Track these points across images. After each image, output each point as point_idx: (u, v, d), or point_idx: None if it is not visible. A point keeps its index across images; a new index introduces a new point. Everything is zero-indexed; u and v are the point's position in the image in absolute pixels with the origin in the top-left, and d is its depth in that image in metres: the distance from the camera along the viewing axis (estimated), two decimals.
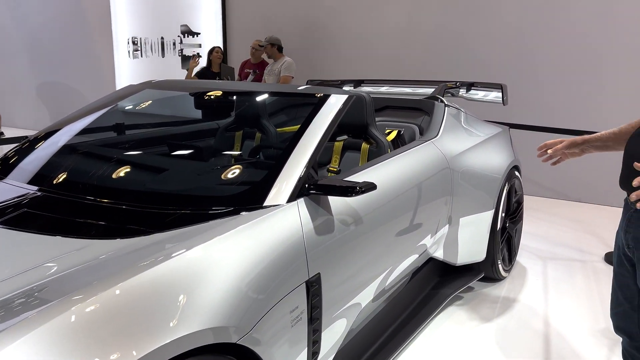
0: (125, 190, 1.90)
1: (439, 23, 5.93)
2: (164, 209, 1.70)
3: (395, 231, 2.35)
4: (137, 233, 1.53)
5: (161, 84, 2.84)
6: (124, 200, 1.76)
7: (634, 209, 1.61)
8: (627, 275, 1.70)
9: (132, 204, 1.73)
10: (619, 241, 1.73)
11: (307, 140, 1.93)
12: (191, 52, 8.00)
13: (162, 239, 1.49)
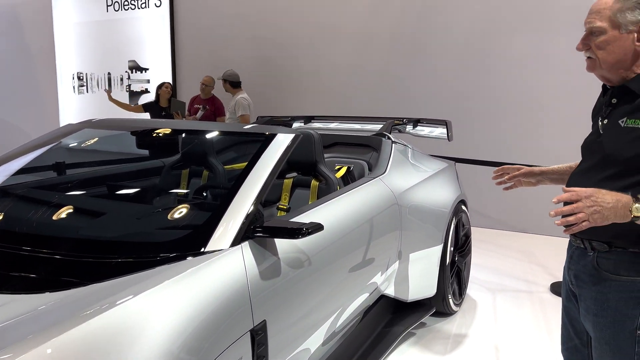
0: (61, 239, 1.80)
1: (387, 61, 6.10)
2: (99, 258, 1.60)
3: (345, 270, 2.32)
4: (68, 285, 1.43)
5: (102, 122, 2.75)
6: (58, 249, 1.66)
7: (575, 246, 1.62)
8: (575, 310, 1.70)
9: (66, 253, 1.63)
10: (564, 276, 1.74)
11: (252, 181, 1.89)
12: (139, 87, 7.89)
13: (93, 291, 1.40)
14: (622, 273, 1.48)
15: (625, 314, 1.48)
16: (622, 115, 1.49)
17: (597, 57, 1.52)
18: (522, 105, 5.42)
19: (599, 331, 1.55)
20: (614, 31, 1.48)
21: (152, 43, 7.71)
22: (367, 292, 2.59)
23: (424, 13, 5.83)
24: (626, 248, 1.47)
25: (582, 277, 1.58)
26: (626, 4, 1.46)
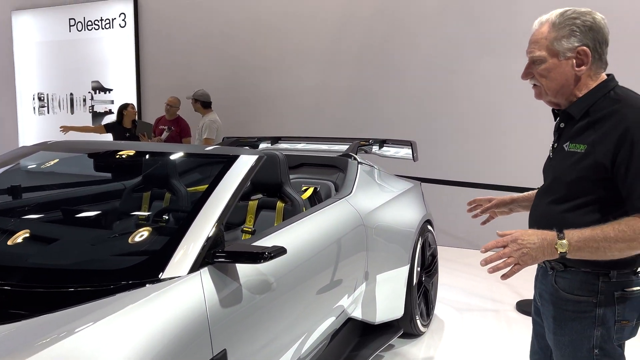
0: (11, 268, 1.70)
1: (354, 81, 6.16)
2: (51, 287, 1.52)
3: (311, 294, 2.27)
4: (18, 317, 1.35)
5: (58, 145, 2.65)
6: (9, 279, 1.57)
7: (540, 266, 1.65)
8: (541, 326, 1.73)
9: (17, 284, 1.55)
10: (534, 292, 1.77)
11: (213, 204, 1.84)
12: (103, 108, 7.73)
13: (45, 322, 1.31)
14: (575, 292, 1.51)
15: (582, 334, 1.51)
16: (567, 139, 1.54)
17: (542, 85, 1.56)
18: (486, 126, 5.54)
19: (559, 349, 1.58)
20: (553, 59, 1.51)
21: (116, 63, 7.59)
22: (334, 316, 2.55)
23: (390, 35, 5.93)
24: (578, 268, 1.50)
25: (544, 296, 1.63)
26: (561, 32, 1.50)
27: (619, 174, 1.40)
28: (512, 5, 5.26)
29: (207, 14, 6.94)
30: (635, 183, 1.37)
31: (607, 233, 1.36)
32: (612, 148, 1.40)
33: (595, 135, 1.44)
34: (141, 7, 7.38)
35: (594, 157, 1.43)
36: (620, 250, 1.37)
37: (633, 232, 1.35)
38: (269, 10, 6.54)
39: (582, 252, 1.39)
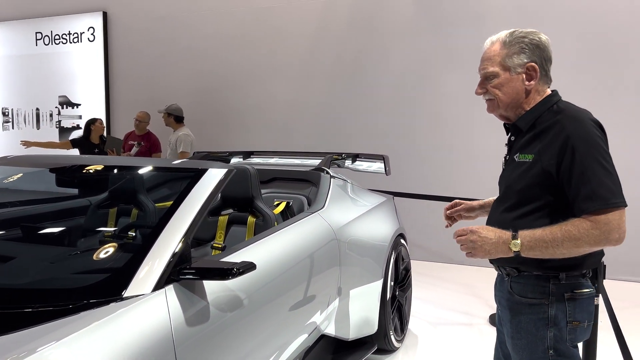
0: None
1: (326, 97, 6.17)
2: (8, 308, 1.43)
3: (282, 310, 2.22)
4: None
5: (19, 159, 2.55)
6: None
7: (498, 273, 1.73)
8: (502, 334, 1.78)
9: None
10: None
11: (179, 219, 1.78)
12: (70, 123, 7.56)
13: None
14: (529, 295, 1.59)
15: (537, 335, 1.58)
16: (517, 151, 1.65)
17: (496, 98, 1.66)
18: (457, 139, 5.60)
19: (517, 353, 1.64)
20: (505, 74, 1.63)
21: (85, 78, 7.44)
22: (307, 333, 2.49)
23: (362, 50, 5.98)
24: (531, 272, 1.58)
25: (502, 302, 1.71)
26: (511, 49, 1.62)
27: (564, 179, 1.49)
28: (481, 21, 5.37)
29: (177, 28, 6.88)
30: (578, 187, 1.46)
31: (555, 233, 1.46)
32: (555, 156, 1.50)
33: (541, 145, 1.55)
34: (111, 21, 7.27)
35: (540, 165, 1.53)
36: (567, 248, 1.45)
37: (578, 231, 1.44)
38: (240, 25, 6.53)
39: (534, 251, 1.48)
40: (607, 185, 1.45)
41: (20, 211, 2.61)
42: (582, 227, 1.44)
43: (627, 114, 4.97)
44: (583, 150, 1.47)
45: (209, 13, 6.68)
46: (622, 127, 4.78)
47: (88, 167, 2.60)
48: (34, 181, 2.72)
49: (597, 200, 1.43)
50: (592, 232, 1.43)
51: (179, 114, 5.98)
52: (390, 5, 5.80)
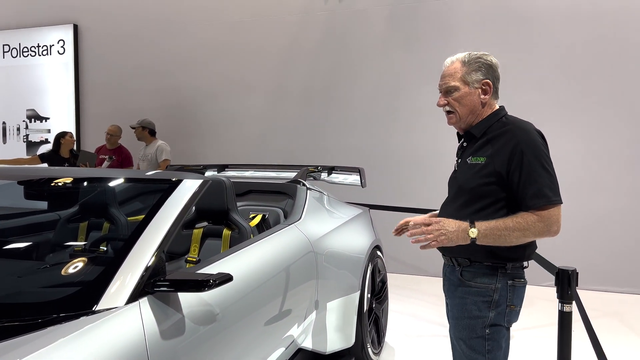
0: None
1: (299, 112, 6.18)
2: None
3: (259, 324, 2.18)
4: None
5: None
6: None
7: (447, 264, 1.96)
8: None
9: None
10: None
11: (153, 231, 1.74)
12: (38, 137, 7.37)
13: None
14: (478, 281, 1.83)
15: (479, 316, 1.82)
16: (469, 154, 1.88)
17: (456, 110, 1.89)
18: (430, 152, 5.67)
19: (459, 332, 1.88)
20: (465, 87, 1.87)
21: (54, 91, 7.29)
22: (284, 346, 2.45)
23: (335, 66, 6.03)
24: (482, 262, 1.81)
25: (451, 288, 1.94)
26: (470, 67, 1.87)
27: (513, 179, 1.73)
28: (451, 36, 5.48)
29: (149, 42, 6.82)
30: (526, 186, 1.71)
31: (507, 224, 1.70)
32: (506, 159, 1.75)
33: (493, 149, 1.79)
34: (81, 34, 7.17)
35: (493, 166, 1.77)
36: (517, 237, 1.70)
37: (526, 223, 1.69)
38: (213, 38, 6.51)
39: (488, 239, 1.71)
40: (549, 185, 1.71)
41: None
42: (529, 219, 1.69)
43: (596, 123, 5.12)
44: (530, 155, 1.72)
45: (182, 27, 6.65)
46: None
47: (59, 179, 2.52)
48: (1, 194, 2.62)
49: (542, 198, 1.69)
50: (538, 224, 1.68)
51: (153, 128, 5.95)
52: (363, 21, 5.88)
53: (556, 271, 2.13)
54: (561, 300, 2.09)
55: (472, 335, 1.84)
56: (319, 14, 6.08)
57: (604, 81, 5.07)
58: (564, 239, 5.02)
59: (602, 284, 5.01)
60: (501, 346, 1.83)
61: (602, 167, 5.08)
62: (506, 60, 5.35)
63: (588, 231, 5.09)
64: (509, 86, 5.33)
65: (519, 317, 1.88)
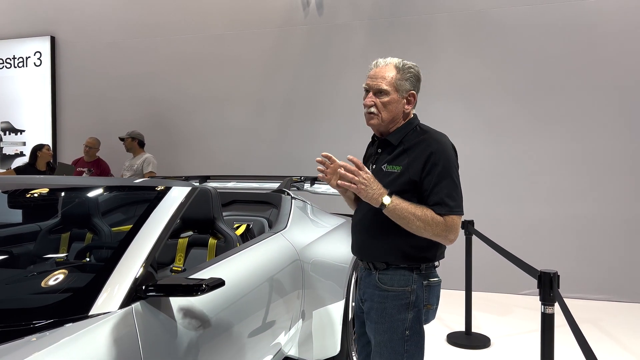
0: None
1: (281, 123, 6.21)
2: None
3: (247, 331, 2.18)
4: None
5: None
6: None
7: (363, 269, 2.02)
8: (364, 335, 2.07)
9: None
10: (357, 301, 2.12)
11: (143, 237, 1.74)
12: (13, 150, 7.23)
13: None
14: (395, 285, 1.89)
15: (398, 319, 1.88)
16: (384, 162, 1.93)
17: (380, 113, 1.91)
18: None
19: (379, 335, 1.91)
20: (395, 94, 1.90)
21: (30, 103, 7.17)
22: (271, 354, 2.45)
23: (316, 78, 6.09)
24: (398, 265, 1.88)
25: (368, 292, 1.97)
26: (403, 75, 1.90)
27: (424, 186, 1.83)
28: (430, 50, 5.61)
29: (128, 54, 6.79)
30: (432, 194, 1.81)
31: (416, 210, 1.78)
32: (420, 168, 1.83)
33: (408, 159, 1.86)
34: (59, 45, 7.10)
35: (408, 175, 1.84)
36: (417, 227, 1.78)
37: (432, 219, 1.78)
38: (192, 52, 6.52)
39: (394, 214, 1.78)
40: (453, 196, 1.82)
41: None
42: (435, 218, 1.79)
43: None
44: (440, 166, 1.82)
45: (161, 40, 6.65)
46: None
47: (40, 189, 2.50)
48: None
49: (445, 207, 1.80)
50: (440, 226, 1.79)
51: (142, 139, 5.95)
52: (343, 34, 5.98)
53: (538, 274, 2.18)
54: (543, 302, 2.13)
55: (393, 337, 1.90)
56: (299, 27, 6.16)
57: (580, 91, 5.24)
58: (542, 245, 5.16)
59: (581, 291, 5.12)
60: (420, 345, 1.92)
61: (581, 174, 5.23)
62: (484, 71, 5.52)
63: (567, 238, 5.22)
64: (486, 97, 5.50)
65: (499, 325, 1.96)
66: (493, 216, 5.32)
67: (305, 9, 6.15)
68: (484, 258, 4.85)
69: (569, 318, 1.92)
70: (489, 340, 3.94)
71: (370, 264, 1.95)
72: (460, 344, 3.88)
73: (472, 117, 5.54)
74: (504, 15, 5.46)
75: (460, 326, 4.12)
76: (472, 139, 5.52)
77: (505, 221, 5.34)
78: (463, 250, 4.12)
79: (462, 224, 4.04)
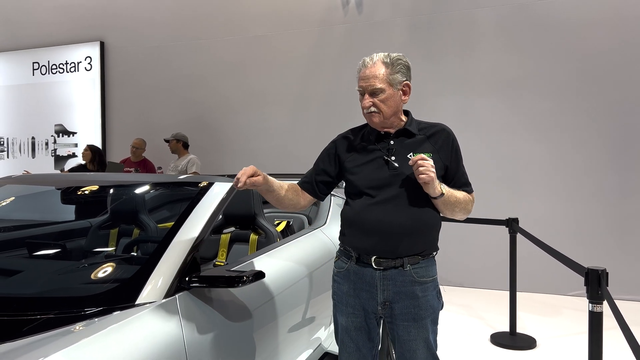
0: None
1: (320, 122, 6.24)
2: (20, 315, 1.43)
3: (288, 325, 2.21)
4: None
5: (25, 178, 2.56)
6: None
7: (397, 268, 1.87)
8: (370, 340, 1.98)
9: None
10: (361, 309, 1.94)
11: (187, 230, 1.79)
12: (66, 151, 7.57)
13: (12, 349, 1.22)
14: (431, 274, 1.92)
15: (437, 308, 1.94)
16: (408, 151, 1.91)
17: (382, 110, 1.89)
18: None
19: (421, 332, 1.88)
20: (390, 89, 1.88)
21: (81, 106, 7.49)
22: (311, 349, 2.48)
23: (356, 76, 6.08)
24: (429, 255, 1.91)
25: (401, 291, 1.87)
26: (393, 69, 1.89)
27: (452, 169, 1.93)
28: (471, 47, 5.51)
29: (173, 56, 6.98)
30: (461, 173, 1.96)
31: (458, 194, 1.89)
32: (449, 153, 1.93)
33: (435, 145, 1.92)
34: (107, 50, 7.38)
35: (440, 161, 1.90)
36: (459, 210, 1.89)
37: (469, 199, 1.93)
38: (235, 53, 6.64)
39: (446, 202, 1.84)
40: (467, 176, 1.99)
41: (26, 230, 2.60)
42: (468, 197, 1.93)
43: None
44: (459, 152, 1.97)
45: (205, 42, 6.80)
46: None
47: (92, 185, 2.61)
48: (39, 200, 2.72)
49: (469, 186, 1.98)
50: (470, 204, 1.94)
51: (187, 141, 6.13)
52: (382, 32, 5.95)
53: (585, 271, 2.11)
54: (591, 300, 2.06)
55: (434, 330, 1.93)
56: (339, 26, 6.17)
57: (628, 85, 5.03)
58: (590, 244, 4.97)
59: (631, 293, 4.92)
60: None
61: (631, 170, 5.02)
62: (527, 67, 5.37)
63: (615, 237, 5.02)
64: (530, 93, 5.34)
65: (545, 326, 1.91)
66: (538, 214, 5.18)
67: (344, 8, 6.16)
68: (529, 257, 4.73)
69: (619, 317, 1.85)
70: (535, 341, 3.83)
71: (404, 259, 1.86)
72: (504, 345, 3.80)
73: (515, 113, 5.41)
74: (547, 8, 5.30)
75: (504, 326, 4.03)
76: (516, 136, 5.39)
77: (550, 219, 5.19)
78: (506, 249, 4.03)
79: (507, 222, 3.96)
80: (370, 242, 1.87)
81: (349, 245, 1.95)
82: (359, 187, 1.91)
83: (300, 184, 2.11)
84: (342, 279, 1.98)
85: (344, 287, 1.97)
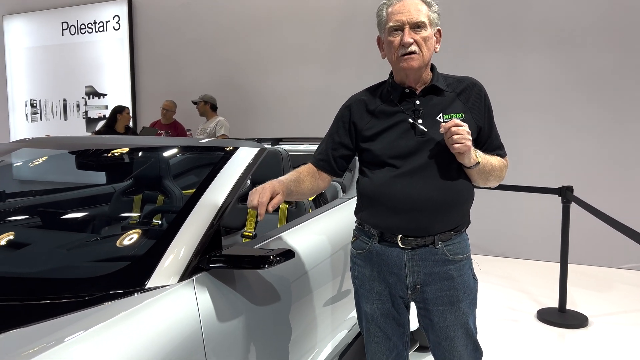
0: None
1: (355, 82, 5.91)
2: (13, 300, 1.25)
3: (319, 304, 2.01)
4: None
5: (41, 141, 2.40)
6: None
7: (427, 246, 1.61)
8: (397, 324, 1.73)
9: None
10: (388, 295, 1.69)
11: (207, 203, 1.58)
12: (97, 114, 7.50)
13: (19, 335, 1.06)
14: (465, 251, 1.66)
15: (471, 287, 1.67)
16: (436, 112, 1.62)
17: (422, 52, 1.57)
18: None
19: (461, 315, 1.63)
20: (430, 29, 1.58)
21: (111, 68, 7.35)
22: (346, 329, 2.29)
23: None
24: (464, 227, 1.67)
25: (433, 273, 1.62)
26: (432, 8, 1.60)
27: (486, 131, 1.67)
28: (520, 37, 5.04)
29: (201, 16, 6.71)
30: (495, 135, 1.70)
31: (493, 160, 1.64)
32: (482, 112, 1.65)
33: (466, 104, 1.63)
34: (135, 9, 7.16)
35: (473, 121, 1.62)
36: (494, 177, 1.65)
37: (503, 165, 1.69)
38: (266, 10, 6.32)
39: (482, 171, 1.59)
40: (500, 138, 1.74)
41: (38, 197, 2.46)
42: (502, 162, 1.69)
43: None
44: (492, 110, 1.69)
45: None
46: None
47: (111, 149, 2.43)
48: (53, 165, 2.56)
49: (503, 149, 1.73)
50: (505, 170, 1.70)
51: (215, 103, 5.93)
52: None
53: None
54: None
55: (473, 314, 1.70)
56: None
57: None
58: None
59: None
60: None
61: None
62: (585, 17, 4.86)
63: None
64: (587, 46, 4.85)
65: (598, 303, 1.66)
66: (595, 182, 4.79)
67: None
68: (583, 228, 4.39)
69: None
70: (587, 319, 3.55)
71: (435, 237, 1.60)
72: (553, 322, 3.53)
73: (570, 70, 4.95)
74: None
75: (553, 302, 3.75)
76: (569, 96, 4.96)
77: (608, 188, 4.79)
78: (558, 219, 3.71)
79: (560, 190, 3.63)
80: (395, 221, 1.61)
81: (369, 223, 1.68)
82: (381, 156, 1.62)
83: (316, 163, 1.80)
84: (364, 261, 1.72)
85: (366, 270, 1.71)
